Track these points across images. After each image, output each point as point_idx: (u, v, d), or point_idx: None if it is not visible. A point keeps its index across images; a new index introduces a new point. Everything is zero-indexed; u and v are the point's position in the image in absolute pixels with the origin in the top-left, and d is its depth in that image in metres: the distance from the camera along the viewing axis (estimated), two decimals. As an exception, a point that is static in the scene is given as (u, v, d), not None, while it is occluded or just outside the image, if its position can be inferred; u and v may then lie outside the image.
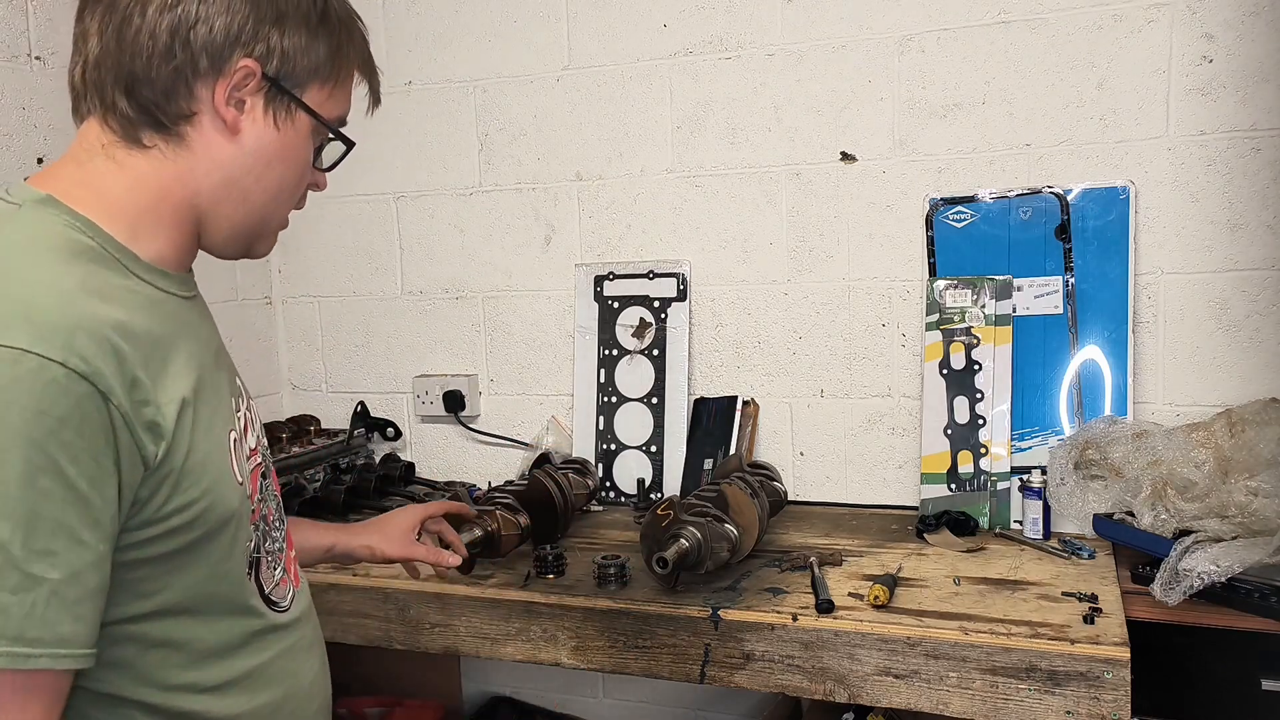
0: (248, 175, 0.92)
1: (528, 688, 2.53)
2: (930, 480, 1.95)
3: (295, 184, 0.96)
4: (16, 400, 0.72)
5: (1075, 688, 1.33)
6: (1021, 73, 1.91)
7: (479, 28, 2.29)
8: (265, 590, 0.96)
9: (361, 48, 0.98)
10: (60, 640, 0.74)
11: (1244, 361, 1.83)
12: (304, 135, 0.94)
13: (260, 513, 0.97)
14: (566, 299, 2.30)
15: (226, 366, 1.00)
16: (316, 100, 0.93)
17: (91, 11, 0.87)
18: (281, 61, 0.89)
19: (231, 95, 0.88)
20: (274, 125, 0.91)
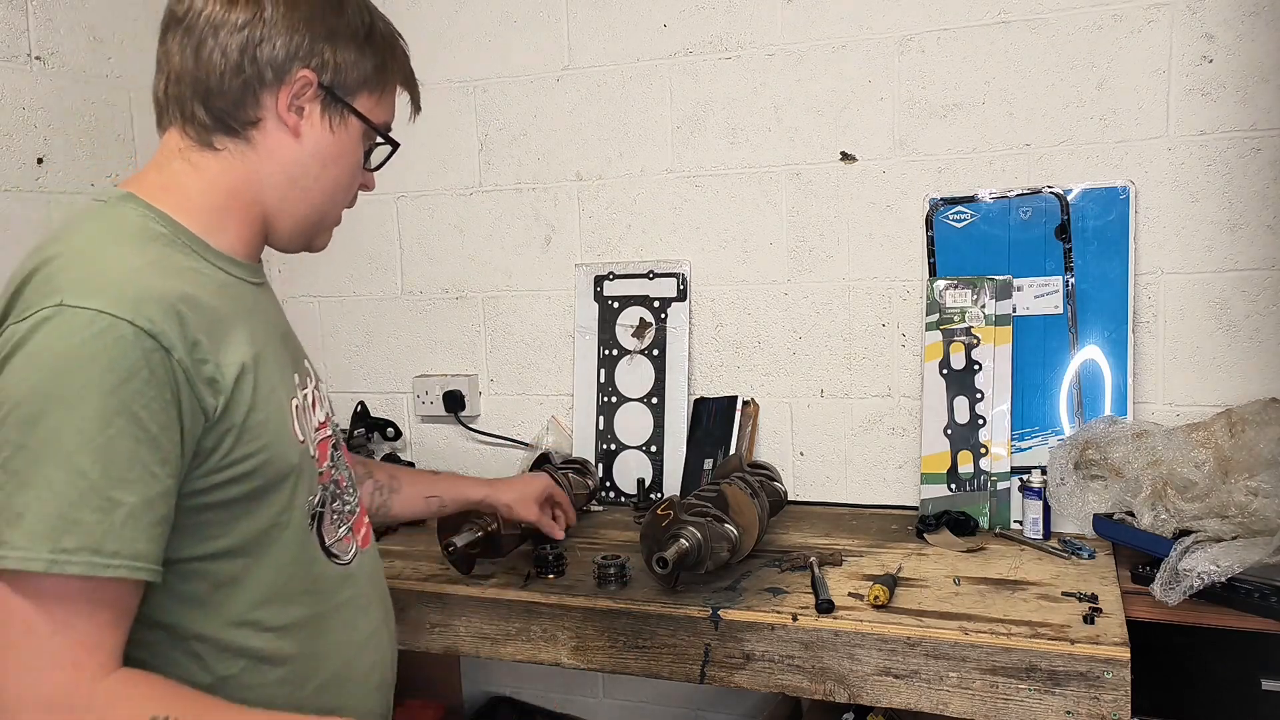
0: (307, 174, 1.04)
1: (528, 688, 2.53)
2: (930, 480, 1.95)
3: (349, 183, 1.09)
4: (94, 353, 0.84)
5: (1075, 688, 1.33)
6: (1021, 73, 1.91)
7: (479, 28, 2.29)
8: (326, 543, 1.06)
9: (403, 62, 1.11)
10: (135, 555, 0.85)
11: (1244, 361, 1.83)
12: (355, 138, 1.07)
13: (331, 477, 1.09)
14: (566, 299, 2.30)
15: (293, 349, 1.12)
16: (365, 107, 1.06)
17: (172, 34, 1.04)
18: (335, 73, 1.02)
19: (292, 103, 1.01)
20: (329, 129, 1.04)
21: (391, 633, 1.21)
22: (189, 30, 1.02)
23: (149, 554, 0.86)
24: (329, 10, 1.02)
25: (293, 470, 1.00)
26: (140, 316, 0.86)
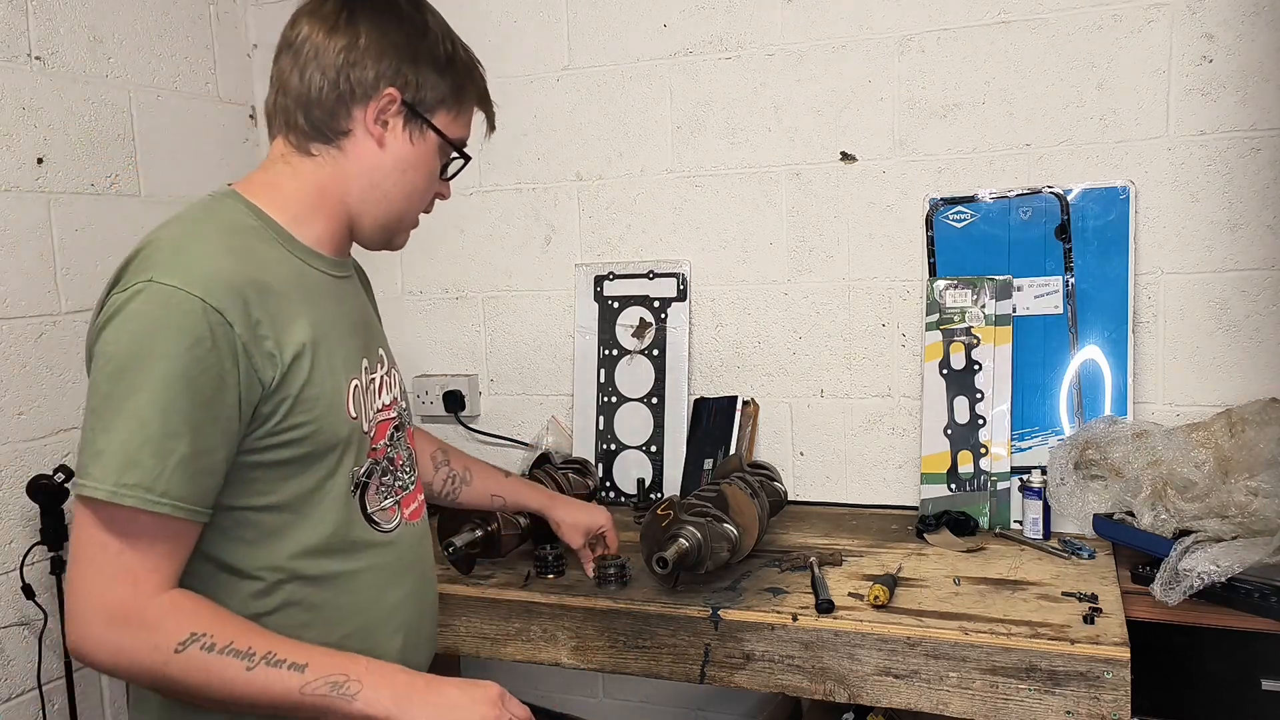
0: (387, 179, 1.17)
1: (528, 688, 2.53)
2: (930, 480, 1.95)
3: (425, 190, 1.22)
4: (169, 322, 0.99)
5: (1075, 688, 1.33)
6: (1021, 73, 1.91)
7: (479, 28, 2.29)
8: (368, 510, 1.17)
9: (479, 86, 1.24)
10: (181, 497, 0.99)
11: (1244, 361, 1.83)
12: (432, 150, 1.19)
13: (385, 454, 1.21)
14: (566, 299, 2.30)
15: (368, 337, 1.24)
16: (443, 123, 1.19)
17: (284, 55, 1.17)
18: (416, 91, 1.16)
19: (378, 116, 1.14)
20: (409, 141, 1.17)
21: (428, 605, 1.30)
22: (296, 53, 1.15)
23: (193, 497, 1.00)
24: (415, 38, 1.16)
25: (340, 442, 1.12)
26: (210, 295, 1.00)
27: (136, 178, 2.19)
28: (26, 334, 1.96)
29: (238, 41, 2.47)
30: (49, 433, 2.00)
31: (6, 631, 1.92)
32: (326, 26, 1.14)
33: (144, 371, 0.98)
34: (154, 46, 2.24)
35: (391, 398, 1.25)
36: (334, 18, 1.14)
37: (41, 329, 1.99)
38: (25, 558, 1.92)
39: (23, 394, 1.95)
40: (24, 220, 1.96)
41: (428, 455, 1.57)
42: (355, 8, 1.15)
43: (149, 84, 2.22)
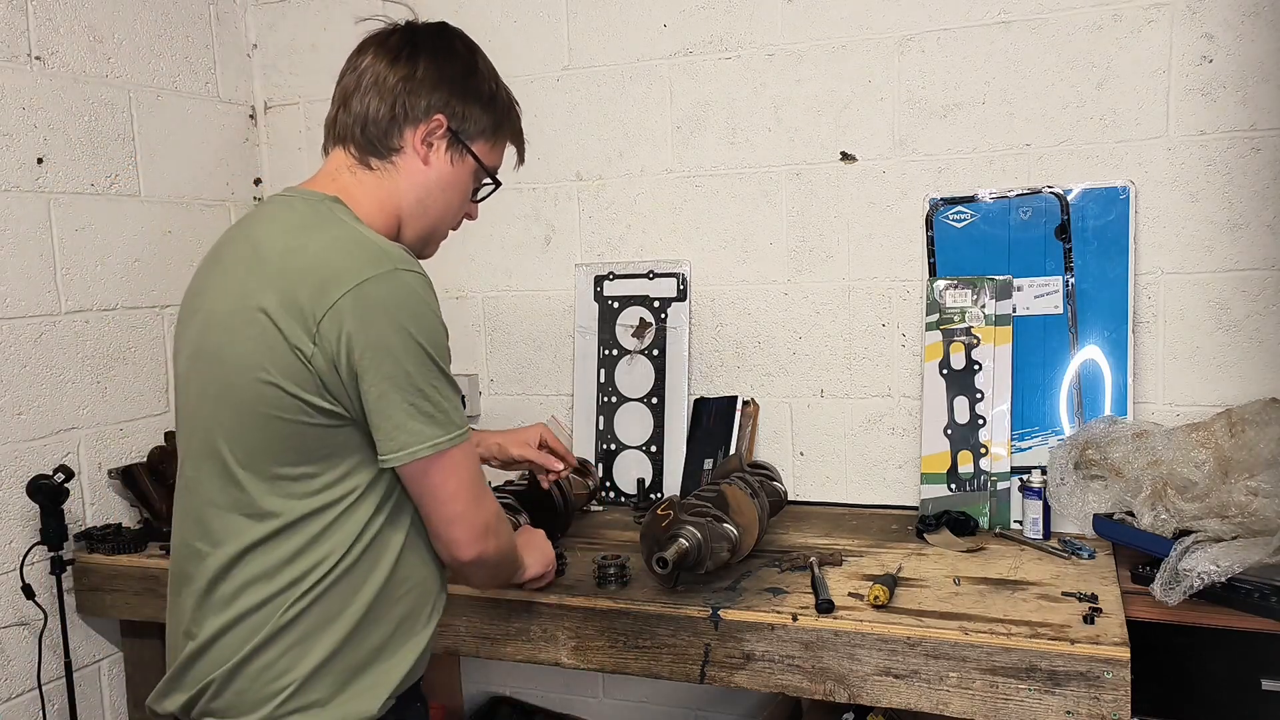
0: (430, 194, 1.30)
1: (528, 688, 2.53)
2: (930, 480, 1.95)
3: (458, 208, 1.36)
4: (430, 298, 1.18)
5: (1075, 688, 1.33)
6: (1021, 73, 1.91)
7: (479, 28, 2.28)
8: None
9: (515, 123, 1.40)
10: (467, 423, 1.21)
11: (1244, 361, 1.83)
12: (468, 173, 1.33)
13: None
14: (566, 299, 2.30)
15: None
16: (481, 151, 1.33)
17: (349, 76, 1.29)
18: (461, 120, 1.30)
19: (426, 138, 1.28)
20: (450, 162, 1.31)
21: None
22: (360, 77, 1.28)
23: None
24: (466, 75, 1.31)
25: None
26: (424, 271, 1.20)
27: (136, 178, 2.19)
28: (26, 334, 1.96)
29: (238, 41, 2.47)
30: (49, 433, 2.00)
31: (6, 631, 1.92)
32: (390, 58, 1.27)
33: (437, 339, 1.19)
34: (154, 46, 2.24)
35: None
36: (397, 50, 1.28)
37: (41, 329, 1.99)
38: (25, 558, 1.92)
39: (23, 394, 1.95)
40: (24, 220, 1.96)
41: None
42: (418, 44, 1.29)
43: (149, 84, 2.22)
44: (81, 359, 2.06)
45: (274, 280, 1.15)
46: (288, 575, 1.16)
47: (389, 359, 1.12)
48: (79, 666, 2.04)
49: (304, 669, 1.16)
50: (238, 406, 1.16)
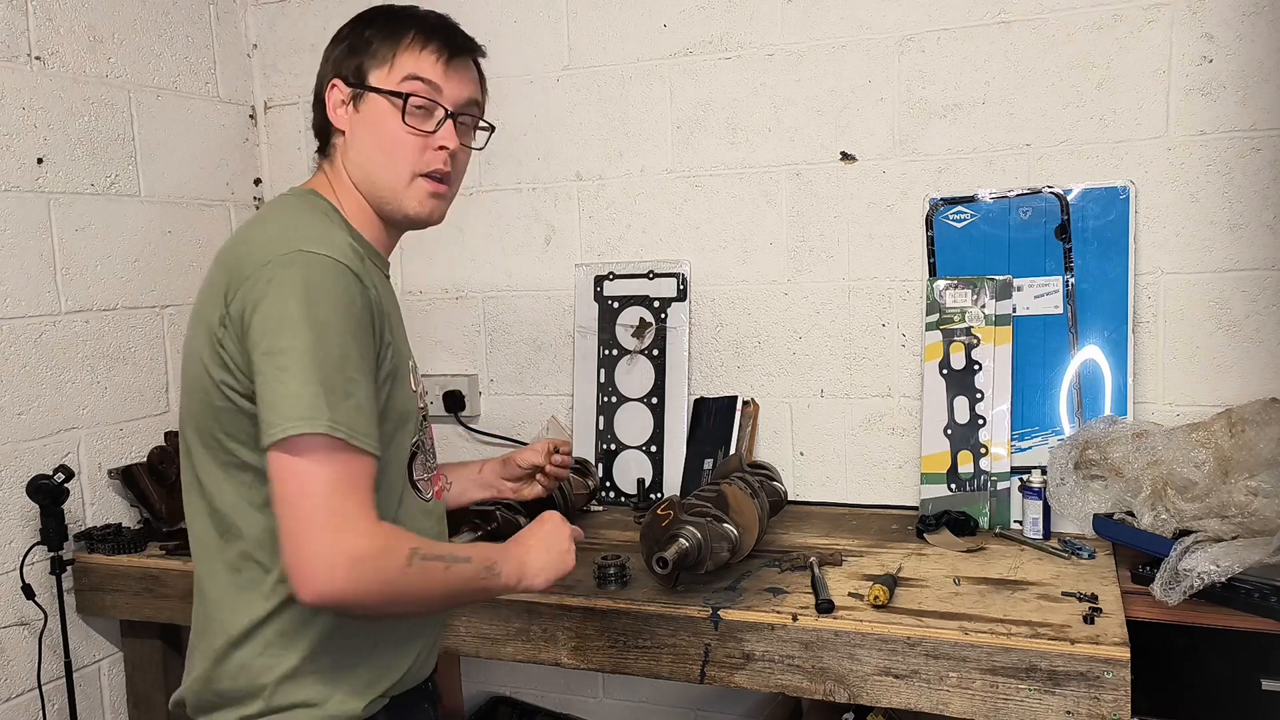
0: (363, 154, 1.25)
1: (528, 688, 2.53)
2: (930, 480, 1.95)
3: (397, 148, 1.24)
4: (330, 285, 1.09)
5: (1075, 688, 1.33)
6: (1021, 72, 1.91)
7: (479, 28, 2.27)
8: (414, 477, 1.26)
9: (407, 25, 1.26)
10: (365, 434, 1.08)
11: (1244, 361, 1.83)
12: (380, 109, 1.24)
13: (430, 434, 1.33)
14: (566, 299, 2.30)
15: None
16: (379, 79, 1.24)
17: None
18: (354, 71, 1.25)
19: (334, 108, 1.26)
20: (357, 112, 1.25)
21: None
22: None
23: (371, 435, 1.10)
24: (350, 29, 1.29)
25: (409, 416, 1.23)
26: (346, 260, 1.12)
27: (136, 178, 2.19)
28: (26, 334, 1.96)
29: (238, 41, 2.47)
30: (49, 433, 2.00)
31: (6, 631, 1.92)
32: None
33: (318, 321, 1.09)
34: (154, 46, 2.24)
35: (423, 389, 1.35)
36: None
37: (41, 329, 1.99)
38: (25, 558, 1.92)
39: (23, 394, 1.95)
40: (24, 220, 1.96)
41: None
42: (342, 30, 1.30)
43: (149, 84, 2.22)
44: (81, 359, 2.06)
45: (216, 271, 1.17)
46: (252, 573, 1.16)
47: (271, 336, 1.06)
48: (79, 666, 2.04)
49: (285, 667, 1.15)
50: (190, 398, 1.18)
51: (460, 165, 1.32)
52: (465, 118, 1.30)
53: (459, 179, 1.34)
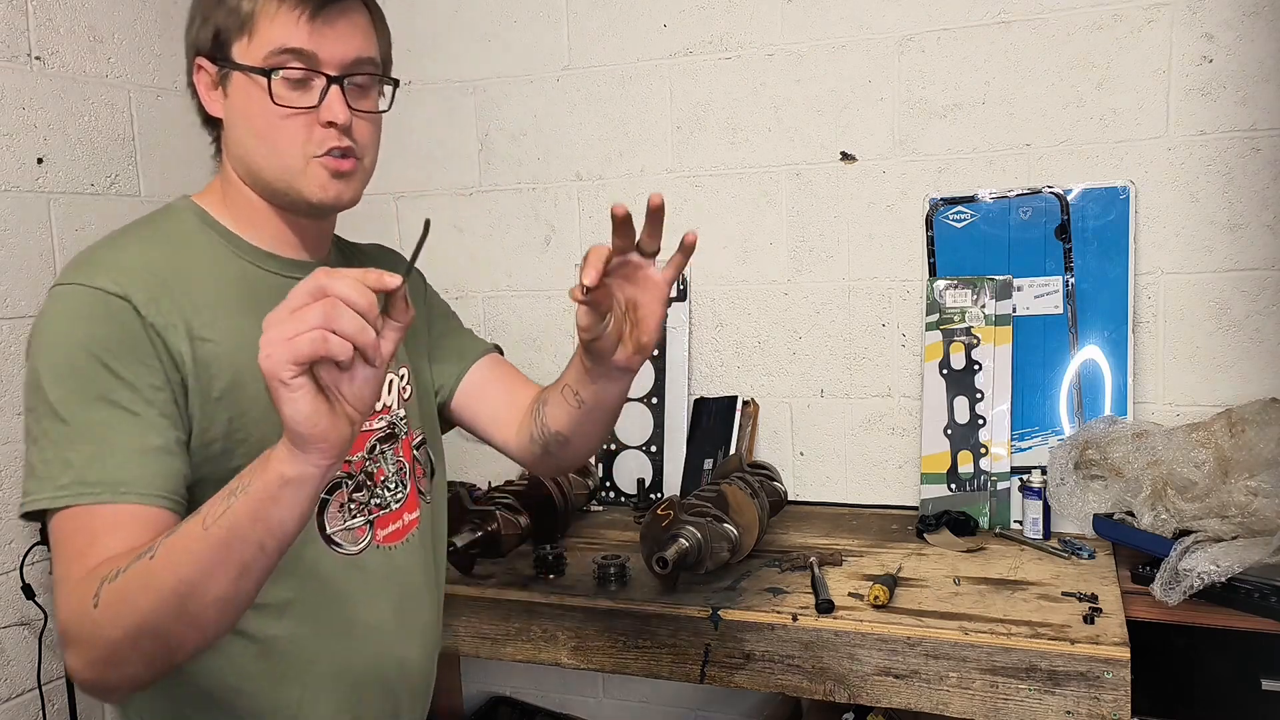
0: (241, 142, 1.08)
1: (528, 688, 2.53)
2: (930, 480, 1.95)
3: (271, 133, 1.05)
4: (72, 322, 0.97)
5: (1075, 688, 1.33)
6: (1021, 73, 1.91)
7: (479, 28, 2.29)
8: (326, 529, 1.09)
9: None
10: (98, 483, 0.92)
11: (1244, 361, 1.83)
12: (248, 90, 1.05)
13: (363, 468, 1.13)
14: (566, 299, 2.30)
15: None
16: (240, 54, 1.05)
17: None
18: (214, 48, 1.07)
19: (207, 92, 1.09)
20: (226, 94, 1.08)
21: (411, 633, 1.19)
22: None
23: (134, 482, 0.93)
24: (206, 5, 1.08)
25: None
26: (111, 284, 0.97)
27: (136, 178, 2.19)
28: (26, 334, 1.96)
29: (238, 41, 2.47)
30: (49, 433, 1.99)
31: (6, 631, 1.92)
32: None
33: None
34: (154, 46, 2.24)
35: (382, 405, 1.17)
36: None
37: (41, 329, 1.99)
38: (25, 558, 1.92)
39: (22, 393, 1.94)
40: (24, 220, 1.96)
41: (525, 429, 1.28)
42: None
43: (149, 84, 2.22)
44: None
45: None
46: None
47: (24, 391, 0.98)
48: (79, 666, 2.04)
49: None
50: None
51: (365, 134, 1.09)
52: (359, 78, 1.08)
53: (371, 149, 1.12)
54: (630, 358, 1.11)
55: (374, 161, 1.13)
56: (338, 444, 0.81)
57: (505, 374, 1.38)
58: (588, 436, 1.24)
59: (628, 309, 1.12)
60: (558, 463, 1.28)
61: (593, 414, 1.19)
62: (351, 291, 0.77)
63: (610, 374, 1.13)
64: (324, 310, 0.77)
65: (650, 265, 1.12)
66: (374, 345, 0.79)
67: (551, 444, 1.24)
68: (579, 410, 1.19)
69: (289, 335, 0.76)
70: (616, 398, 1.18)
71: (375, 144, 1.13)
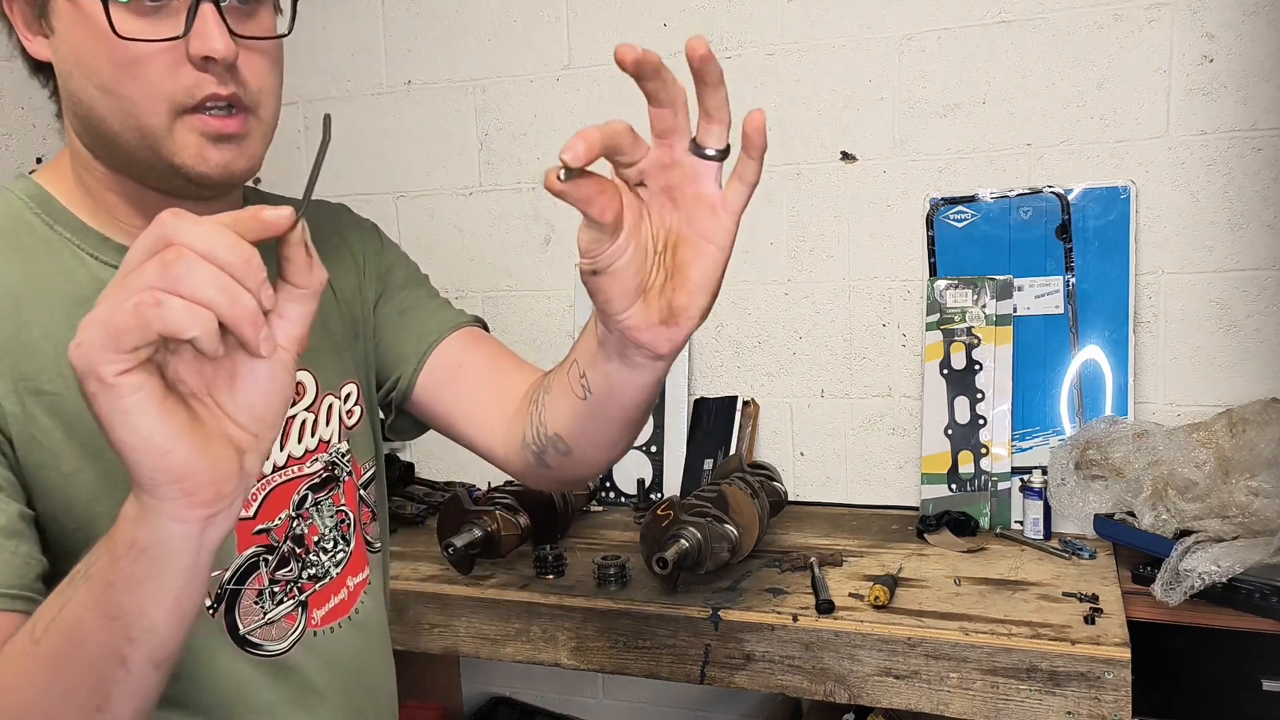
0: (75, 100, 0.79)
1: (527, 689, 2.53)
2: (931, 480, 1.95)
3: (118, 73, 0.74)
4: None
5: (1076, 688, 1.33)
6: (1022, 72, 1.91)
7: (479, 27, 2.29)
8: (242, 630, 0.82)
9: None
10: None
11: (1245, 361, 1.82)
12: (77, 18, 0.75)
13: (288, 531, 0.85)
14: (566, 299, 2.30)
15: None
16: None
17: None
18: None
19: (22, 30, 0.81)
20: (50, 29, 0.79)
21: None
22: None
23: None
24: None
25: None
26: None
27: None
28: None
29: (237, 41, 2.46)
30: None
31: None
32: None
33: None
34: (153, 46, 2.23)
35: (317, 441, 0.89)
36: None
37: (41, 329, 1.98)
38: (24, 558, 1.91)
39: None
40: None
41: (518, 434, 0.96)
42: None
43: None
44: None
45: None
46: None
47: None
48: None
49: None
50: None
51: (259, 72, 0.78)
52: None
53: (269, 95, 0.80)
54: (654, 328, 0.71)
55: (276, 111, 0.82)
56: (214, 483, 0.54)
57: (488, 353, 1.03)
58: (597, 445, 0.89)
59: (666, 246, 0.71)
60: (557, 477, 0.95)
61: (603, 411, 0.84)
62: (210, 238, 0.50)
63: (627, 353, 0.77)
64: (163, 264, 0.49)
65: (710, 173, 0.69)
66: (253, 320, 0.51)
67: (549, 451, 0.91)
68: (586, 404, 0.86)
69: (112, 303, 0.50)
70: (637, 392, 0.81)
71: (275, 87, 0.81)
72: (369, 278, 1.02)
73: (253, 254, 0.52)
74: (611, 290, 0.72)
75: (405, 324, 1.03)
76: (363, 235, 1.05)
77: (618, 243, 0.69)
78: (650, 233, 0.70)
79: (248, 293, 0.51)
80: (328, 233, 0.99)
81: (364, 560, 0.95)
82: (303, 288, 0.56)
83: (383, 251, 1.06)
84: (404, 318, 1.03)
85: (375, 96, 2.36)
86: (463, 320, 1.06)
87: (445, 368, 1.01)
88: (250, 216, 0.53)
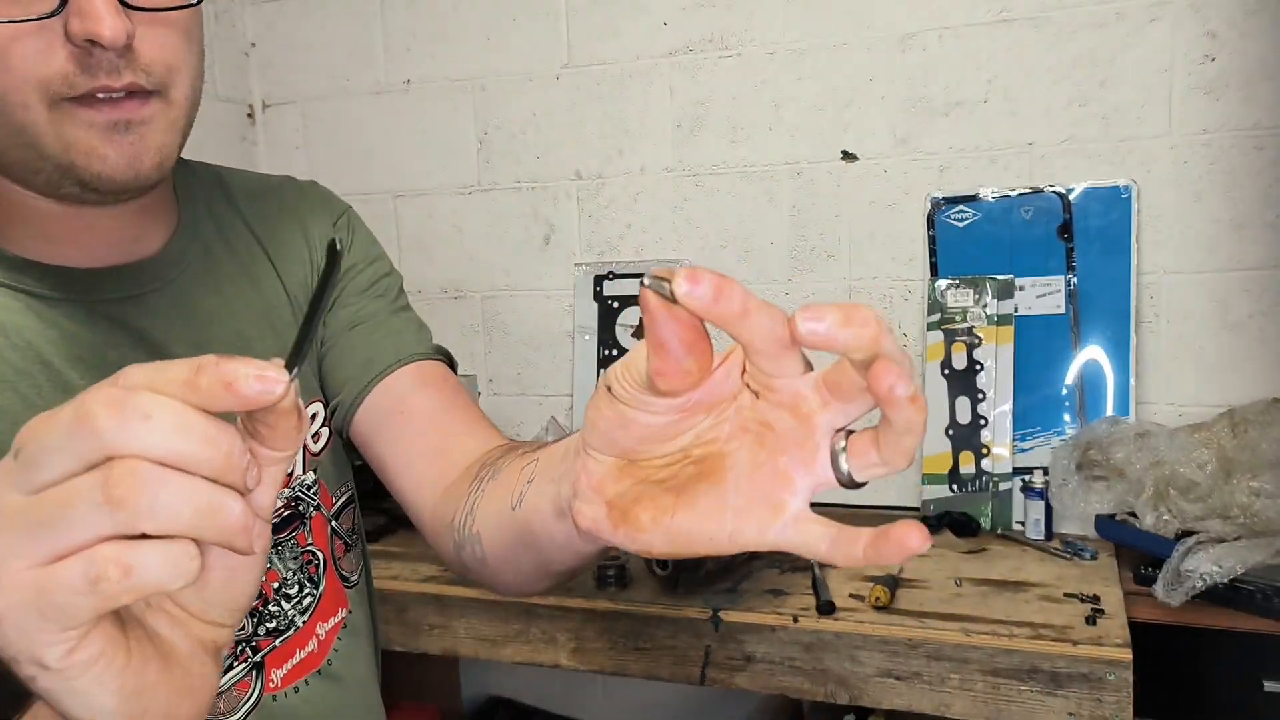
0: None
1: (527, 690, 2.53)
2: (932, 481, 1.94)
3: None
4: None
5: (1077, 689, 1.32)
6: (1023, 71, 1.90)
7: (478, 26, 2.28)
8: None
9: None
10: None
11: (1247, 361, 1.82)
12: None
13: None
14: (566, 299, 2.29)
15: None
16: None
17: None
18: None
19: None
20: None
21: None
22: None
23: None
24: None
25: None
26: None
27: None
28: (23, 333, 1.95)
29: (235, 39, 2.46)
30: (46, 432, 1.99)
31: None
32: None
33: None
34: (152, 44, 2.23)
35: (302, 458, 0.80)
36: None
37: (38, 328, 1.98)
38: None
39: (19, 393, 1.94)
40: (21, 219, 1.95)
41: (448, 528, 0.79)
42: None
43: (147, 82, 2.21)
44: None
45: None
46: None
47: None
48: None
49: None
50: None
51: (163, 50, 0.64)
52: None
53: (183, 72, 0.66)
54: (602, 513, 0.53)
55: (191, 93, 0.67)
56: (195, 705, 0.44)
57: (439, 403, 0.86)
58: (513, 569, 0.73)
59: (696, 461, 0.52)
60: (477, 579, 0.80)
61: (527, 537, 0.65)
62: (170, 435, 0.36)
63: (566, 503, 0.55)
64: (113, 498, 0.35)
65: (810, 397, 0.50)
66: (244, 529, 0.38)
67: (468, 548, 0.75)
68: (512, 517, 0.67)
69: (41, 558, 0.36)
70: (560, 549, 0.62)
71: (191, 64, 0.67)
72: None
73: (227, 435, 0.38)
74: (609, 425, 0.50)
75: (353, 342, 0.87)
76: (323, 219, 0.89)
77: (662, 403, 0.48)
78: (700, 429, 0.50)
79: (233, 494, 0.38)
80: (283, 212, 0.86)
81: (338, 600, 0.84)
82: (279, 452, 0.41)
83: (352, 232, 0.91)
84: (354, 334, 0.87)
85: (373, 95, 2.36)
86: (420, 352, 0.88)
87: (386, 408, 0.85)
88: (215, 380, 0.36)
